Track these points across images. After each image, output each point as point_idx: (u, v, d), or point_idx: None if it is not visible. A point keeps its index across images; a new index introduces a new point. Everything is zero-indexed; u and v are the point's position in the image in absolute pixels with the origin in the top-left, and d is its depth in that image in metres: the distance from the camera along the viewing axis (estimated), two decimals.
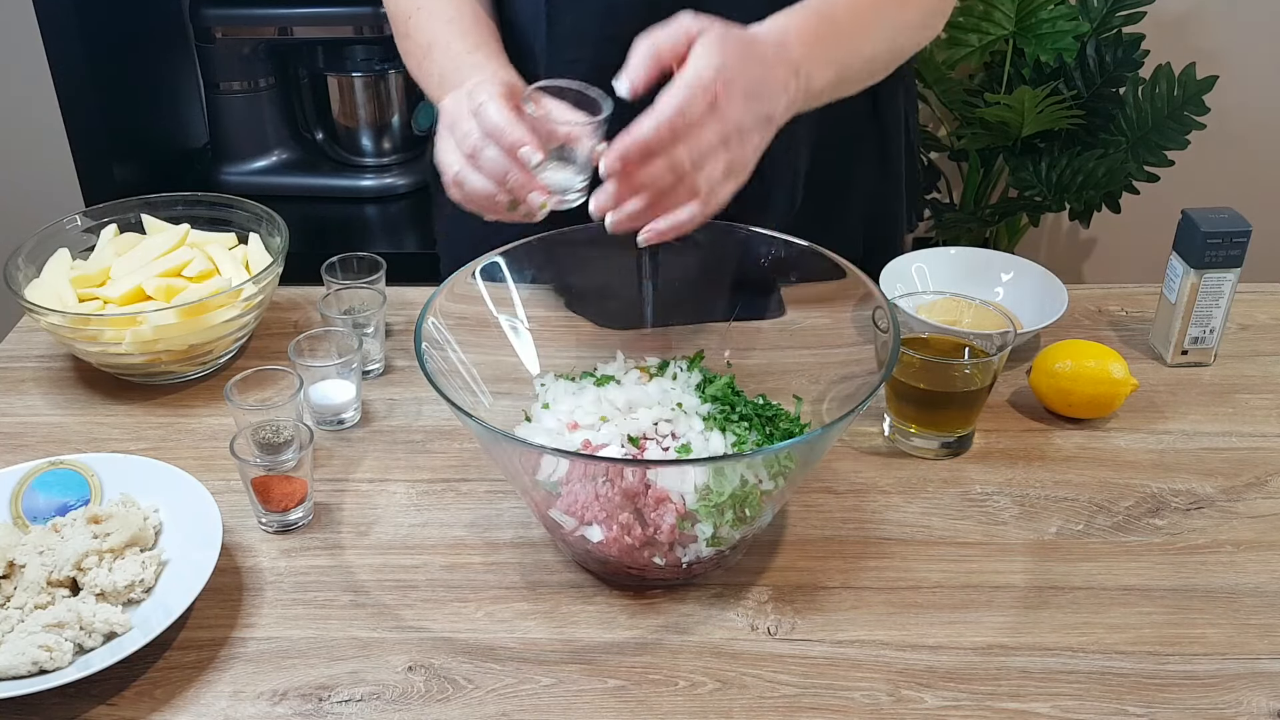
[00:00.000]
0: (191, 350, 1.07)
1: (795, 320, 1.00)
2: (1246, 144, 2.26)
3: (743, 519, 0.83)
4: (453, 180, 0.91)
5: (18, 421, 1.06)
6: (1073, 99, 1.97)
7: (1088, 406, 1.04)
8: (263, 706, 0.78)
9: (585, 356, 1.02)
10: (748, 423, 0.92)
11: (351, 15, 1.87)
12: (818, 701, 0.79)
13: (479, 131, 0.89)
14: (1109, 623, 0.84)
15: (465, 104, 0.91)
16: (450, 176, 0.91)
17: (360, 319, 1.08)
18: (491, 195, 0.89)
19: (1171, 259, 1.11)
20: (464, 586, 0.88)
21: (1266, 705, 0.78)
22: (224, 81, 1.95)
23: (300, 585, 0.88)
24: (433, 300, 0.90)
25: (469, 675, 0.81)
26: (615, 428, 0.89)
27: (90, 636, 0.80)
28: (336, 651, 0.82)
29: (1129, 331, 1.18)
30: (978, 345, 1.00)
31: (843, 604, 0.86)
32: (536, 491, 0.84)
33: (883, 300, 0.90)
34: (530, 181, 0.88)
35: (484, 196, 0.89)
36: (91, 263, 1.13)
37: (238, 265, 1.13)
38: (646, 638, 0.84)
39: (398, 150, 2.02)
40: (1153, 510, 0.95)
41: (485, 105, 0.89)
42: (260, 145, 2.01)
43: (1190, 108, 2.00)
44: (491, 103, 0.89)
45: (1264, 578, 0.88)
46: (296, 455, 0.91)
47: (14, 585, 0.84)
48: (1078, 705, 0.78)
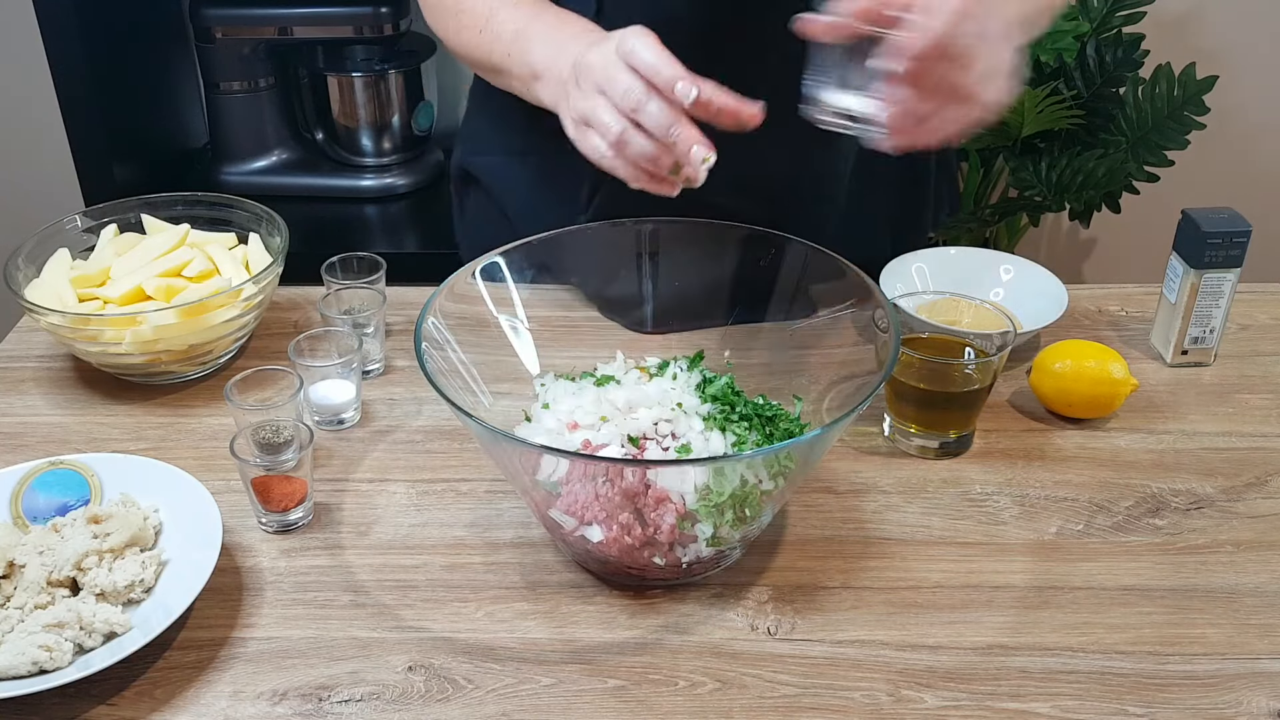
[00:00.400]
0: (191, 350, 1.07)
1: (795, 320, 1.00)
2: (1246, 144, 2.26)
3: (743, 519, 0.83)
4: (615, 141, 0.86)
5: (18, 421, 1.06)
6: (1073, 99, 1.97)
7: (1088, 406, 1.04)
8: (263, 706, 0.78)
9: (585, 356, 1.02)
10: (748, 423, 0.91)
11: (351, 15, 1.87)
12: (818, 701, 0.79)
13: (641, 86, 0.85)
14: (1109, 623, 0.84)
15: (613, 54, 0.86)
16: (613, 138, 0.86)
17: (360, 319, 1.08)
18: (656, 157, 0.86)
19: (1171, 259, 1.11)
20: (464, 586, 0.88)
21: (1266, 705, 0.78)
22: (224, 81, 1.95)
23: (300, 585, 0.88)
24: (433, 300, 0.90)
25: (469, 675, 0.81)
26: (615, 428, 0.89)
27: (90, 636, 0.80)
28: (336, 651, 0.82)
29: (1129, 331, 1.18)
30: (978, 345, 1.00)
31: (843, 604, 0.86)
32: (536, 491, 0.84)
33: (883, 300, 0.90)
34: (691, 134, 0.85)
35: (648, 159, 0.86)
36: (91, 263, 1.13)
37: (238, 265, 1.13)
38: (646, 638, 0.84)
39: (398, 150, 2.01)
40: (1153, 510, 0.95)
41: (636, 49, 0.85)
42: (260, 145, 2.01)
43: (1190, 108, 2.00)
44: (644, 47, 0.85)
45: (1264, 578, 0.88)
46: (296, 455, 0.91)
47: (14, 585, 0.84)
48: (1078, 705, 0.78)
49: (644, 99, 0.85)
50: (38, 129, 2.07)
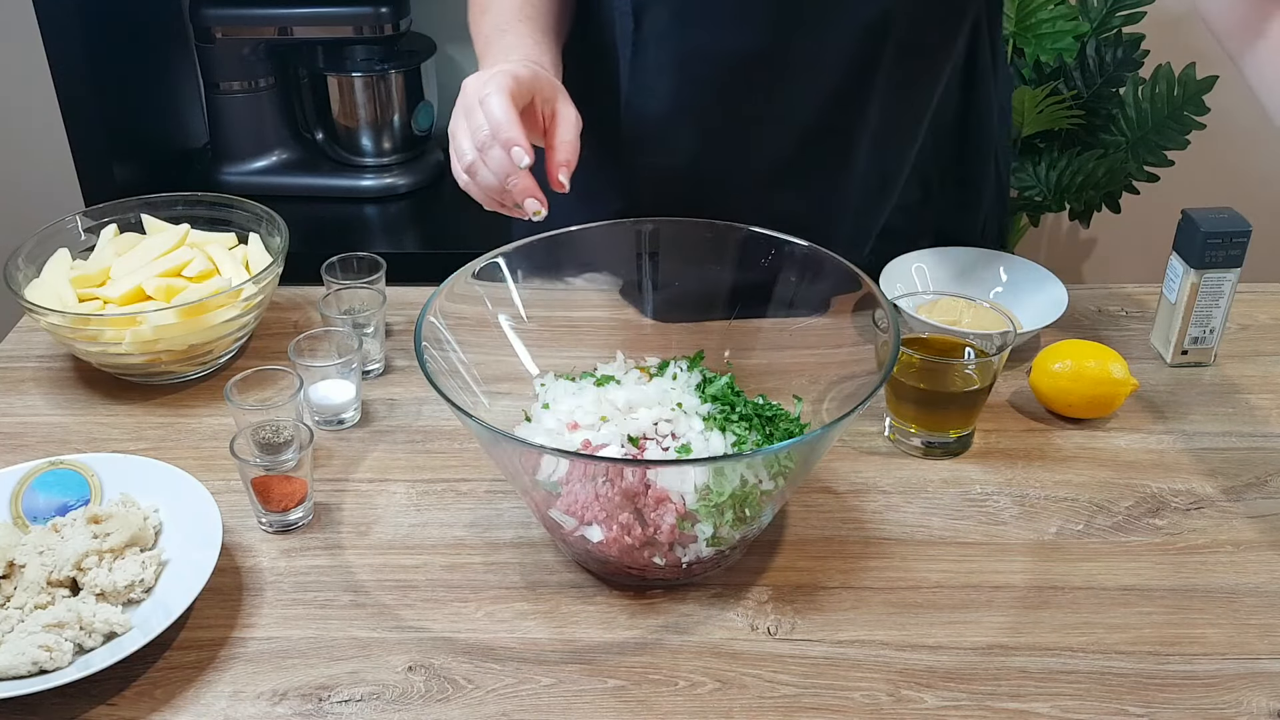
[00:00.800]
0: (191, 350, 1.07)
1: (795, 320, 1.00)
2: (1246, 144, 2.26)
3: (743, 519, 0.83)
4: (465, 168, 0.91)
5: (18, 421, 1.06)
6: (1073, 99, 1.97)
7: (1088, 406, 1.04)
8: (263, 706, 0.78)
9: (585, 356, 1.02)
10: (748, 423, 0.91)
11: (351, 15, 1.87)
12: (818, 701, 0.79)
13: (488, 130, 0.89)
14: (1109, 623, 0.84)
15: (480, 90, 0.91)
16: (465, 163, 0.91)
17: (360, 319, 1.08)
18: (499, 189, 0.90)
19: (1171, 259, 1.11)
20: (464, 586, 0.88)
21: (1266, 705, 0.78)
22: (224, 81, 1.95)
23: (300, 585, 0.88)
24: (433, 300, 0.90)
25: (469, 675, 0.81)
26: (615, 428, 0.89)
27: (90, 636, 0.80)
28: (336, 651, 0.82)
29: (1129, 331, 1.18)
30: (978, 345, 1.00)
31: (843, 604, 0.86)
32: (536, 491, 0.84)
33: (883, 300, 0.90)
34: (527, 186, 0.89)
35: (494, 190, 0.91)
36: (91, 263, 1.13)
37: (238, 265, 1.13)
38: (646, 638, 0.84)
39: (398, 150, 2.01)
40: (1153, 510, 0.95)
41: (490, 98, 0.89)
42: (260, 145, 2.01)
43: (1190, 108, 2.00)
44: (496, 95, 0.89)
45: (1264, 578, 0.88)
46: (296, 455, 0.91)
47: (14, 585, 0.84)
48: (1078, 705, 0.78)
49: (489, 142, 0.89)
50: (38, 129, 2.06)
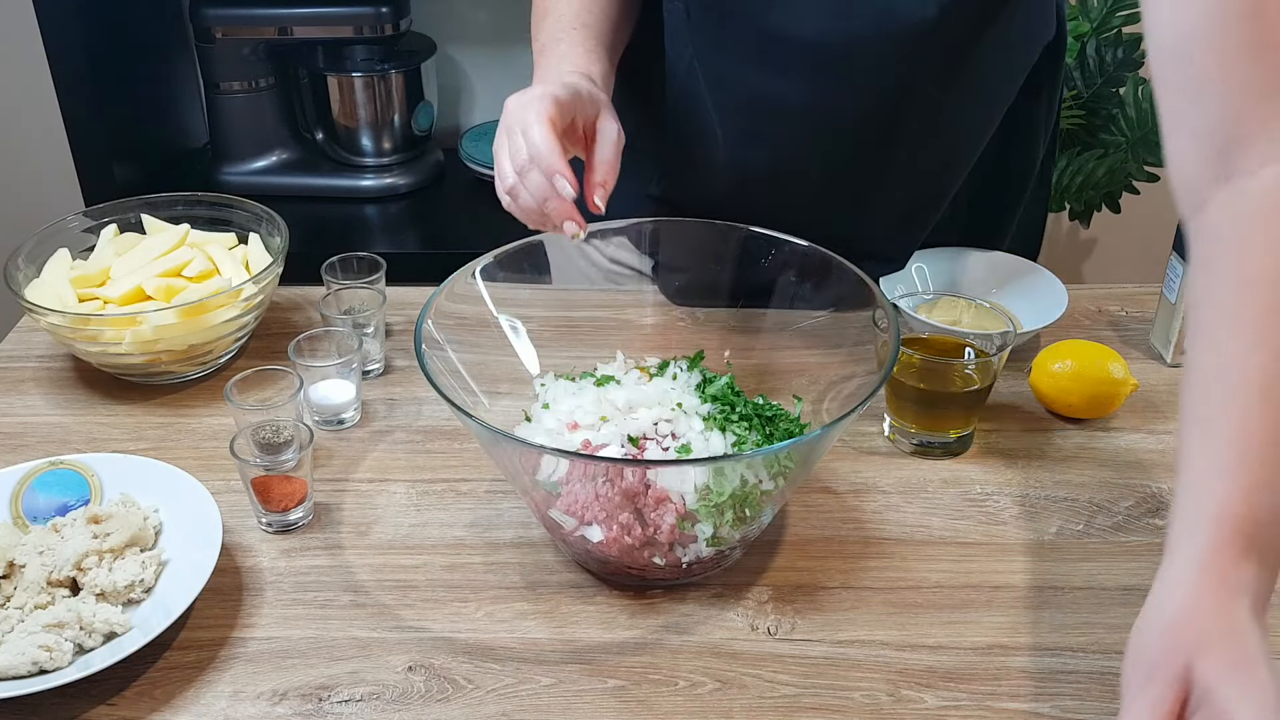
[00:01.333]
0: (191, 350, 1.07)
1: (795, 320, 1.00)
2: None
3: (743, 519, 0.83)
4: (507, 190, 0.91)
5: (18, 421, 1.06)
6: (1073, 99, 1.97)
7: (1088, 406, 1.04)
8: (263, 706, 0.78)
9: (585, 356, 1.02)
10: (748, 423, 0.91)
11: (351, 15, 1.87)
12: (818, 701, 0.79)
13: (527, 155, 0.89)
14: (1109, 623, 0.84)
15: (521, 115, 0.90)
16: (506, 186, 0.91)
17: (360, 319, 1.08)
18: (539, 212, 0.91)
19: (1171, 259, 1.11)
20: (464, 586, 0.88)
21: None
22: (224, 81, 1.95)
23: (300, 585, 0.88)
24: (432, 300, 0.90)
25: (469, 675, 0.81)
26: (615, 428, 0.89)
27: (90, 636, 0.80)
28: (336, 651, 0.82)
29: (1129, 331, 1.18)
30: (978, 345, 1.00)
31: (843, 604, 0.86)
32: (536, 491, 0.84)
33: (883, 300, 0.90)
34: (566, 211, 0.89)
35: (534, 212, 0.91)
36: (91, 263, 1.13)
37: (238, 265, 1.13)
38: (646, 638, 0.84)
39: (398, 150, 2.01)
40: (1153, 510, 0.95)
41: (531, 128, 0.88)
42: (260, 145, 2.01)
43: None
44: (536, 125, 0.88)
45: None
46: (296, 455, 0.91)
47: (14, 585, 0.84)
48: (1078, 705, 0.78)
49: (527, 166, 0.89)
50: (38, 129, 2.06)
